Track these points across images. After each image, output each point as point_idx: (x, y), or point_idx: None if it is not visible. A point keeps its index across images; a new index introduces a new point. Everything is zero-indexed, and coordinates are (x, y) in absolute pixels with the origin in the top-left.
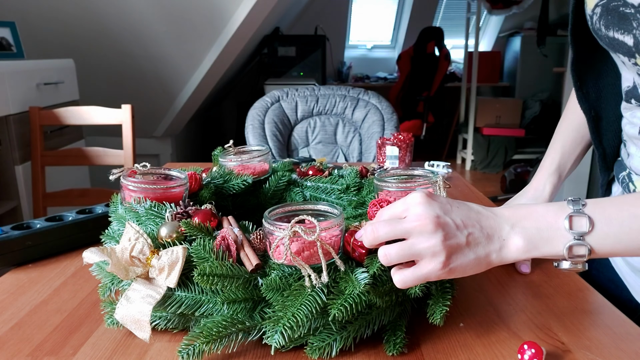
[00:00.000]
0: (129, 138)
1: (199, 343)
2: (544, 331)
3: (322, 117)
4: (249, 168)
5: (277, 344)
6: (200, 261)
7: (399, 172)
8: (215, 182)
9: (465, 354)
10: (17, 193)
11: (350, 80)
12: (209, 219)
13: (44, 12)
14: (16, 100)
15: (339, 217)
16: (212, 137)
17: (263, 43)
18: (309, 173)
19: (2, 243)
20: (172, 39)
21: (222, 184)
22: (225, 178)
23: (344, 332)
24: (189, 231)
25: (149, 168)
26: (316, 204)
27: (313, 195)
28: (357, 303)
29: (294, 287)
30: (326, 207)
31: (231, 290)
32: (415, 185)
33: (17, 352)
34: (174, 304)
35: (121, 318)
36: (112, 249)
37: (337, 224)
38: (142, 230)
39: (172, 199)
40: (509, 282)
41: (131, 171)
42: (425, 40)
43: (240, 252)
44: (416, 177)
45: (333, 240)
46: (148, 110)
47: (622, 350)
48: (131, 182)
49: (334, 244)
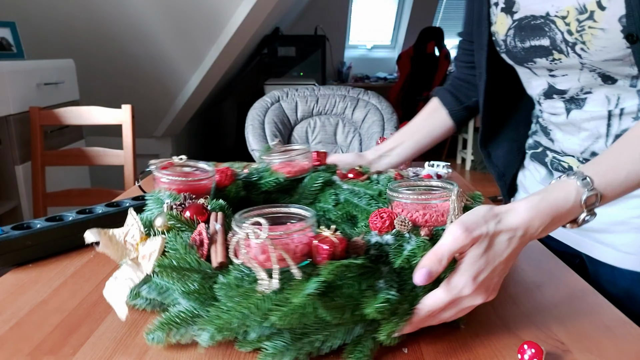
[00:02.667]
0: (129, 138)
1: (157, 329)
2: (544, 331)
3: (322, 117)
4: (290, 166)
5: (203, 343)
6: (172, 252)
7: (416, 182)
8: (248, 179)
9: (465, 354)
10: (17, 193)
11: (350, 80)
12: (199, 213)
13: (44, 12)
14: (16, 100)
15: (308, 220)
16: (212, 137)
17: (263, 43)
18: (349, 176)
19: (2, 243)
20: (172, 39)
21: (257, 181)
22: (260, 175)
23: (298, 344)
24: (173, 223)
25: (185, 161)
26: (289, 206)
27: (347, 198)
28: (300, 313)
29: (243, 290)
30: (299, 210)
31: (187, 284)
32: (432, 198)
33: (16, 351)
34: (150, 289)
35: (106, 295)
36: (112, 233)
37: (303, 228)
38: (137, 218)
39: (200, 191)
40: (509, 282)
41: (168, 162)
42: (425, 40)
43: (211, 248)
44: (434, 189)
45: (300, 245)
46: (148, 110)
47: (622, 351)
48: (163, 174)
49: (300, 249)
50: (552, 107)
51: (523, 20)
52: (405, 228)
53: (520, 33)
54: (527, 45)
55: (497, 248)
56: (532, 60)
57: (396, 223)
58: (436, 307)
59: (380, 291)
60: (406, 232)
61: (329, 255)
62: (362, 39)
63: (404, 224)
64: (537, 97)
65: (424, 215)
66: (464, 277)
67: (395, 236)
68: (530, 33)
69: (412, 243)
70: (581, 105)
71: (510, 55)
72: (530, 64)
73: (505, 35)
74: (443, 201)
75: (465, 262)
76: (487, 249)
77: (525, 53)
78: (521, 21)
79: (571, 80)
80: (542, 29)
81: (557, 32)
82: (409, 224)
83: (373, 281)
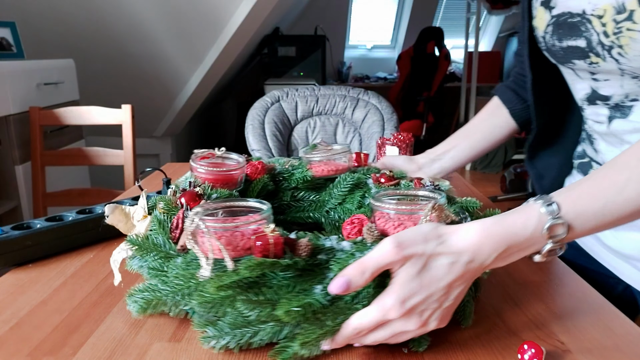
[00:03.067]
0: (129, 138)
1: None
2: (544, 331)
3: (322, 117)
4: (328, 165)
5: (132, 312)
6: (151, 231)
7: (402, 191)
8: (280, 174)
9: (465, 354)
10: (17, 193)
11: (350, 80)
12: (192, 200)
13: (44, 12)
14: (16, 100)
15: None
16: (212, 137)
17: (263, 43)
18: (380, 180)
19: (2, 243)
20: (172, 39)
21: (286, 176)
22: (292, 171)
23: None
24: (164, 206)
25: (224, 152)
26: (248, 200)
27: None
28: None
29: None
30: (257, 204)
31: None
32: (418, 208)
33: (16, 352)
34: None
35: (111, 261)
36: (128, 210)
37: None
38: (144, 199)
39: (231, 181)
40: (509, 282)
41: (209, 153)
42: (425, 40)
43: (183, 233)
44: (420, 199)
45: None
46: (148, 110)
47: (622, 351)
48: (199, 165)
49: (244, 244)
50: (595, 114)
51: (561, 17)
52: (371, 237)
53: (558, 31)
54: (564, 45)
55: (434, 272)
56: (571, 62)
57: (364, 230)
58: (363, 325)
59: (309, 296)
60: (370, 241)
61: (261, 252)
62: (362, 39)
63: (371, 232)
64: (580, 102)
65: (398, 225)
66: (391, 298)
67: (355, 243)
68: (568, 32)
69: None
70: (627, 114)
71: (550, 53)
72: (570, 64)
73: (544, 32)
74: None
75: (395, 283)
76: (421, 271)
77: (563, 53)
78: (559, 18)
79: (613, 86)
80: (578, 28)
81: (593, 32)
82: (376, 233)
83: (310, 285)
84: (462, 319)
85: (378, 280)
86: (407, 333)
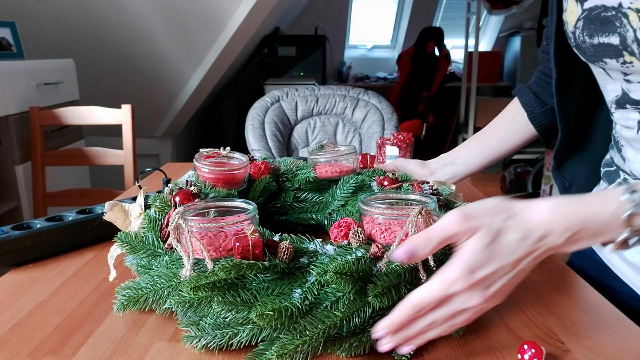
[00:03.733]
0: (129, 138)
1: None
2: (544, 331)
3: (322, 117)
4: (333, 166)
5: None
6: (143, 229)
7: (392, 195)
8: (283, 175)
9: (465, 354)
10: (17, 193)
11: (350, 80)
12: (186, 198)
13: (44, 12)
14: (16, 100)
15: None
16: (212, 137)
17: (263, 43)
18: (384, 183)
19: (2, 243)
20: (172, 39)
21: (289, 176)
22: (296, 172)
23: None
24: (158, 205)
25: (228, 152)
26: (233, 200)
27: None
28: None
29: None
30: (242, 204)
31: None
32: (404, 213)
33: (17, 352)
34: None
35: (108, 257)
36: (127, 207)
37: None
38: (142, 198)
39: (234, 180)
40: None
41: (214, 152)
42: (425, 40)
43: None
44: (412, 203)
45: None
46: (148, 110)
47: (623, 351)
48: (202, 164)
49: (225, 245)
50: (625, 119)
51: (593, 10)
52: (356, 240)
53: (589, 26)
54: (595, 42)
55: (504, 246)
56: (602, 60)
57: (351, 234)
58: (425, 299)
59: (287, 300)
60: (355, 245)
61: (240, 254)
62: (362, 39)
63: (356, 236)
64: (609, 105)
65: (385, 230)
66: (457, 268)
67: (340, 247)
68: (600, 27)
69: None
70: None
71: (580, 51)
72: (602, 63)
73: (575, 27)
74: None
75: (460, 254)
76: (491, 244)
77: (594, 50)
78: (591, 11)
79: None
80: (612, 23)
81: (628, 28)
82: (362, 237)
83: (289, 288)
84: None
85: (359, 286)
86: (466, 311)
